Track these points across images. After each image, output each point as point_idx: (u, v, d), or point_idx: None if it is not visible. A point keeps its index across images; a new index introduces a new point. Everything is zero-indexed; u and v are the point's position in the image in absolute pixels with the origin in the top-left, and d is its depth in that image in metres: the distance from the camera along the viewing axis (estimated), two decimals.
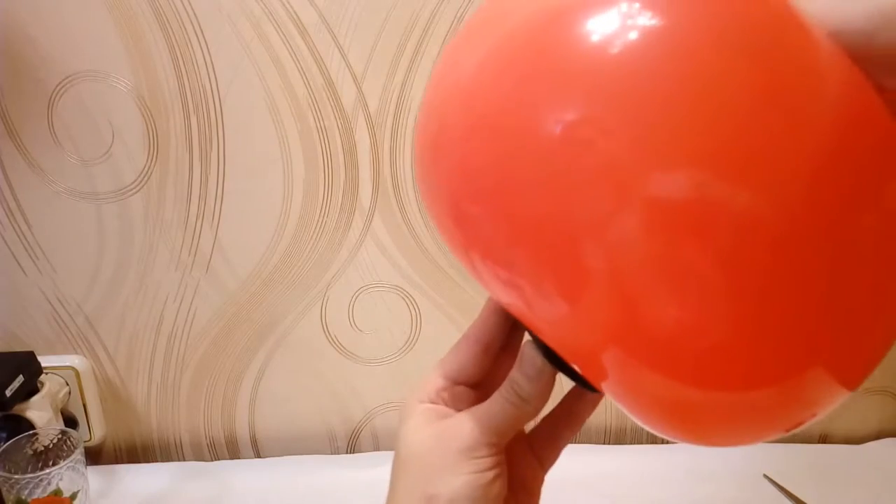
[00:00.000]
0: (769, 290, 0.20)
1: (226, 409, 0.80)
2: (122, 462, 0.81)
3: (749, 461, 0.75)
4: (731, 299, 0.21)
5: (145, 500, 0.72)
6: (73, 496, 0.64)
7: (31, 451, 0.66)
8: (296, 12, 0.64)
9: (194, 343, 0.76)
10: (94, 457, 0.80)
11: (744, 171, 0.19)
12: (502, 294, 0.26)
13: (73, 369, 0.75)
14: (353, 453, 0.82)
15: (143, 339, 0.76)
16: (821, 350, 0.22)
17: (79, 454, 0.64)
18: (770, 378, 0.22)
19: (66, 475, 0.63)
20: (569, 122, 0.21)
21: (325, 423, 0.81)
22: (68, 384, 0.75)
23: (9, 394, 0.66)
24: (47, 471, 0.62)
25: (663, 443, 0.80)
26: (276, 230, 0.72)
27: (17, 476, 0.61)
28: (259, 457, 0.82)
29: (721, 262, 0.20)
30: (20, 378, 0.68)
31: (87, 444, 0.77)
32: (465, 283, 0.74)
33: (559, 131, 0.21)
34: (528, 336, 0.31)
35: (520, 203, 0.22)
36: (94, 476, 0.72)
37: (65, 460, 0.63)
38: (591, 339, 0.23)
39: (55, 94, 0.66)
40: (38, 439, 0.66)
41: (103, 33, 0.64)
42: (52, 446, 0.66)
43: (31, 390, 0.70)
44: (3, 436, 0.66)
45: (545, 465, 0.35)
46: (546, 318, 0.25)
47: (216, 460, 0.81)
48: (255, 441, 0.81)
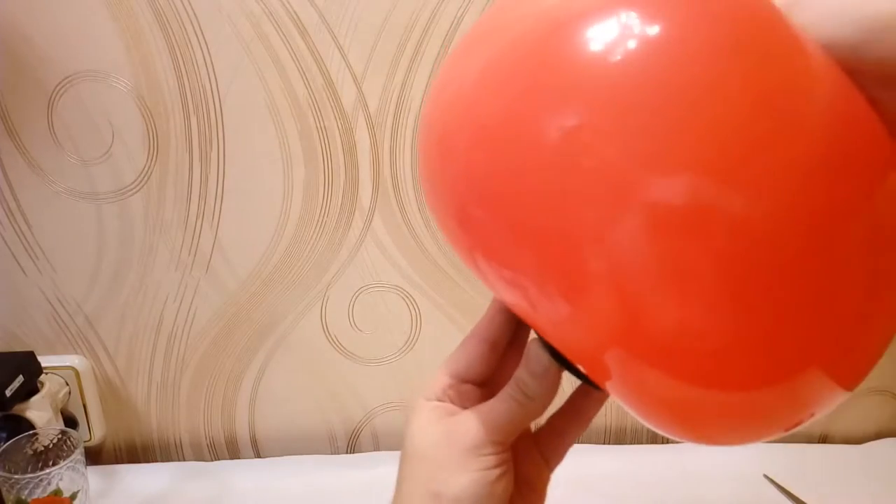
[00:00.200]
0: (765, 292, 0.21)
1: (226, 409, 0.80)
2: (122, 462, 0.81)
3: (749, 461, 0.75)
4: (728, 301, 0.21)
5: (145, 500, 0.72)
6: (73, 496, 0.64)
7: (31, 451, 0.66)
8: (296, 12, 0.64)
9: (194, 343, 0.76)
10: (94, 457, 0.80)
11: (738, 176, 0.20)
12: (506, 294, 0.26)
13: (73, 369, 0.75)
14: (353, 453, 0.82)
15: (143, 339, 0.76)
16: (818, 352, 0.22)
17: (79, 454, 0.64)
18: (768, 379, 0.22)
19: (66, 475, 0.63)
20: (569, 128, 0.21)
21: (325, 423, 0.81)
22: (68, 384, 0.75)
23: (9, 394, 0.66)
24: (47, 471, 0.62)
25: (663, 443, 0.80)
26: (276, 230, 0.72)
27: (17, 476, 0.61)
28: (259, 457, 0.82)
29: (718, 265, 0.21)
30: (20, 378, 0.68)
31: (87, 444, 0.77)
32: (465, 283, 0.74)
33: (559, 138, 0.21)
34: (534, 334, 0.31)
35: (523, 207, 0.23)
36: (94, 476, 0.72)
37: (65, 460, 0.63)
38: (593, 340, 0.24)
39: (55, 94, 0.66)
40: (38, 439, 0.66)
41: (103, 33, 0.64)
42: (52, 446, 0.66)
43: (31, 390, 0.70)
44: (3, 436, 0.66)
45: (551, 463, 0.35)
46: (550, 319, 0.25)
47: (216, 460, 0.82)
48: (255, 441, 0.82)
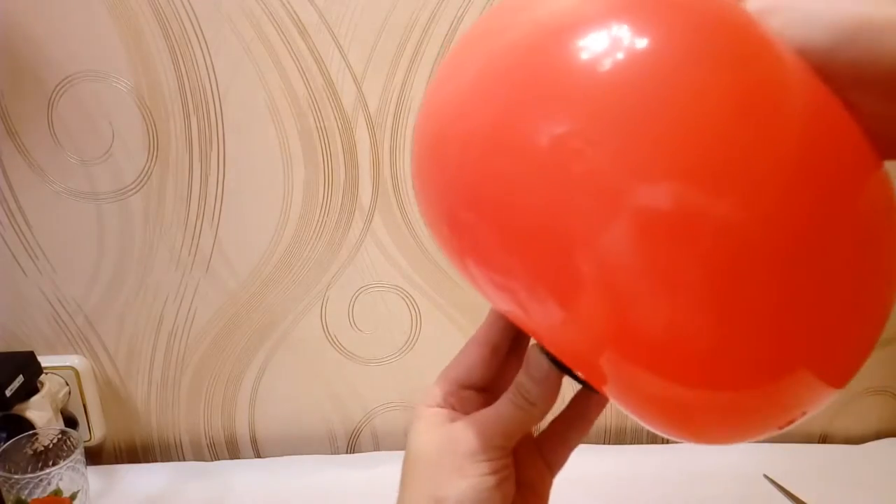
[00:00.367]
0: (751, 295, 0.21)
1: (226, 409, 0.80)
2: (122, 462, 0.81)
3: (749, 461, 0.75)
4: (715, 304, 0.22)
5: (145, 500, 0.72)
6: (73, 496, 0.64)
7: (31, 451, 0.66)
8: (296, 12, 0.64)
9: (194, 343, 0.76)
10: (94, 457, 0.80)
11: (722, 182, 0.21)
12: (499, 300, 0.27)
13: (73, 369, 0.75)
14: (353, 453, 0.82)
15: (143, 339, 0.76)
16: (805, 352, 0.23)
17: (79, 454, 0.64)
18: (757, 379, 0.23)
19: (66, 475, 0.63)
20: (558, 135, 0.22)
21: (325, 423, 0.81)
22: (68, 384, 0.75)
23: (9, 394, 0.66)
24: (47, 471, 0.62)
25: (663, 443, 0.80)
26: (276, 230, 0.72)
27: (17, 476, 0.61)
28: (259, 457, 0.82)
29: (704, 269, 0.21)
30: (20, 378, 0.68)
31: (87, 444, 0.77)
32: (465, 284, 0.74)
33: (550, 145, 0.22)
34: (534, 339, 0.31)
35: (513, 212, 0.23)
36: (94, 476, 0.72)
37: (65, 460, 0.63)
38: (586, 344, 0.24)
39: (55, 94, 0.66)
40: (38, 439, 0.66)
41: (103, 33, 0.64)
42: (52, 446, 0.66)
43: (31, 390, 0.70)
44: (3, 436, 0.66)
45: (553, 468, 0.35)
46: (542, 323, 0.25)
47: (216, 460, 0.82)
48: (255, 441, 0.82)
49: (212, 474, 0.76)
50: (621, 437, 0.82)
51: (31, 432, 0.66)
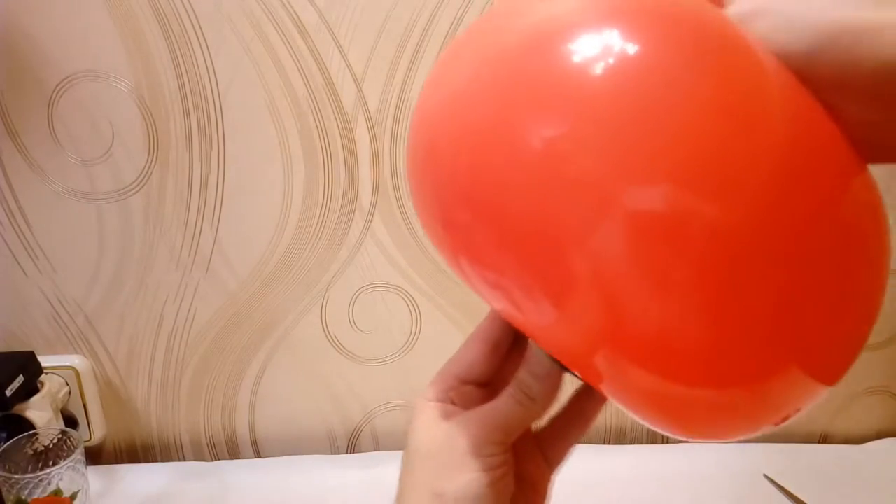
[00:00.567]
0: (740, 295, 0.22)
1: (226, 409, 0.80)
2: (122, 462, 0.81)
3: (749, 461, 0.75)
4: (706, 304, 0.22)
5: (145, 500, 0.72)
6: (73, 496, 0.64)
7: (31, 451, 0.66)
8: (296, 12, 0.64)
9: (194, 343, 0.76)
10: (94, 457, 0.80)
11: (707, 185, 0.21)
12: (493, 300, 0.27)
13: (73, 369, 0.75)
14: (353, 453, 0.82)
15: (143, 339, 0.76)
16: (795, 351, 0.23)
17: (79, 454, 0.64)
18: (748, 378, 0.23)
19: (66, 475, 0.63)
20: (550, 137, 0.22)
21: (325, 423, 0.81)
22: (68, 384, 0.75)
23: (9, 394, 0.66)
24: (47, 471, 0.62)
25: (663, 443, 0.80)
26: (276, 230, 0.72)
27: (17, 476, 0.61)
28: (259, 457, 0.82)
29: (693, 270, 0.21)
30: (20, 378, 0.68)
31: (87, 444, 0.77)
32: (464, 284, 0.74)
33: (542, 147, 0.22)
34: None
35: (507, 213, 0.23)
36: (94, 476, 0.72)
37: (65, 460, 0.63)
38: (581, 343, 0.24)
39: (55, 94, 0.66)
40: (38, 439, 0.66)
41: (103, 33, 0.64)
42: (52, 446, 0.66)
43: (31, 390, 0.70)
44: (3, 436, 0.66)
45: (553, 464, 0.35)
46: (538, 324, 0.26)
47: (216, 460, 0.82)
48: (255, 441, 0.82)
49: (212, 474, 0.76)
50: (621, 437, 0.82)
51: (31, 432, 0.66)
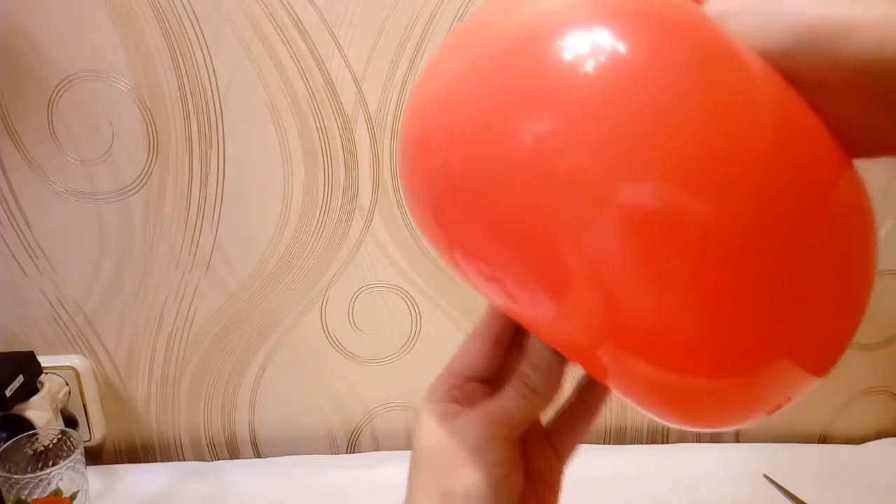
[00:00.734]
0: (731, 289, 0.22)
1: (226, 409, 0.80)
2: (122, 462, 0.81)
3: (749, 461, 0.75)
4: (698, 297, 0.22)
5: (145, 500, 0.72)
6: (73, 496, 0.64)
7: (31, 451, 0.66)
8: (296, 12, 0.64)
9: (194, 343, 0.76)
10: (94, 457, 0.80)
11: (696, 181, 0.22)
12: (490, 293, 0.27)
13: (73, 369, 0.75)
14: (353, 453, 0.82)
15: (143, 339, 0.76)
16: (785, 343, 0.24)
17: (79, 454, 0.64)
18: (740, 368, 0.24)
19: (65, 475, 0.63)
20: (542, 133, 0.22)
21: (325, 423, 0.81)
22: (68, 384, 0.75)
23: (9, 394, 0.66)
24: (47, 471, 0.62)
25: (663, 443, 0.80)
26: (276, 230, 0.72)
27: (17, 476, 0.61)
28: (259, 457, 0.82)
29: (685, 264, 0.22)
30: (20, 378, 0.68)
31: (87, 444, 0.77)
32: (464, 283, 0.74)
33: (534, 143, 0.23)
34: None
35: (499, 209, 0.24)
36: (94, 476, 0.72)
37: (65, 460, 0.63)
38: (579, 335, 0.25)
39: (55, 94, 0.66)
40: (38, 439, 0.66)
41: (103, 33, 0.64)
42: (52, 446, 0.66)
43: (30, 390, 0.70)
44: (3, 436, 0.66)
45: (563, 457, 0.35)
46: (535, 317, 0.26)
47: (216, 460, 0.82)
48: (255, 441, 0.82)
49: (212, 474, 0.76)
50: (621, 437, 0.82)
51: (31, 432, 0.66)
